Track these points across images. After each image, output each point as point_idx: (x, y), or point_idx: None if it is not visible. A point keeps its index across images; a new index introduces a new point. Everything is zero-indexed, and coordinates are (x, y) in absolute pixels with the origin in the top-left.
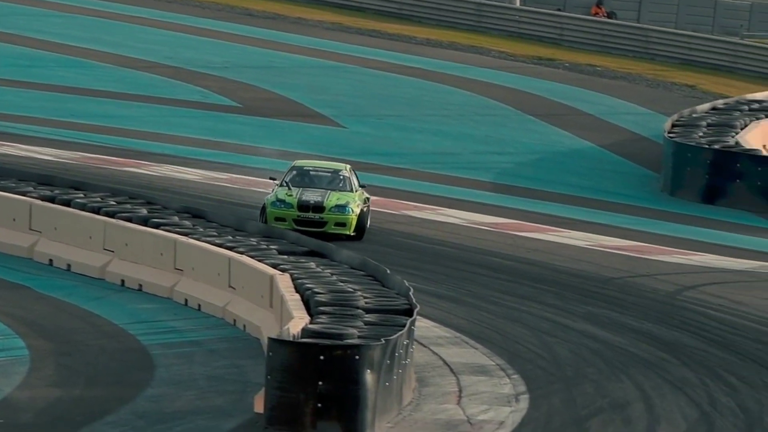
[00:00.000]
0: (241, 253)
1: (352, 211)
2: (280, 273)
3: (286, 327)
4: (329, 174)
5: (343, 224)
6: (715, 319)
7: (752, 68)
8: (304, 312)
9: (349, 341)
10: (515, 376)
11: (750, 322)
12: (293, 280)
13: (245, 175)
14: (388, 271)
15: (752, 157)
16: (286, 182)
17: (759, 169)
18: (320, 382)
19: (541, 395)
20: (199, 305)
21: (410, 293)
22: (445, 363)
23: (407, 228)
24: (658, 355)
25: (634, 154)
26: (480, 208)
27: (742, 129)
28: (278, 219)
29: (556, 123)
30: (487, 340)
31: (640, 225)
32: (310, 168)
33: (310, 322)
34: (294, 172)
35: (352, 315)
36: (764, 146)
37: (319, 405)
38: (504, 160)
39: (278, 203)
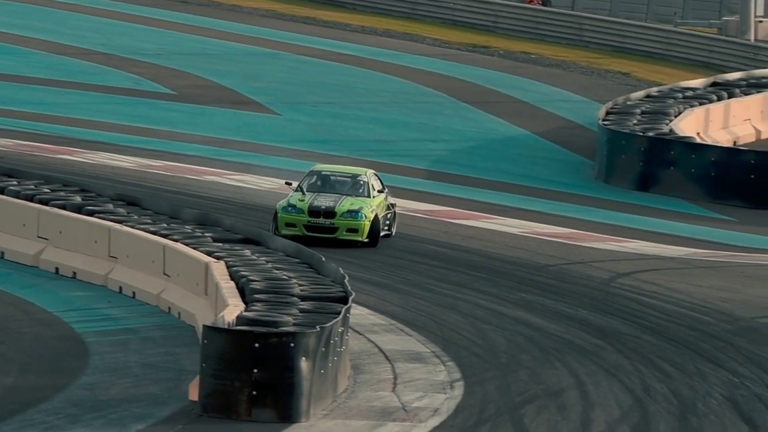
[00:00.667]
0: (176, 240)
1: (365, 216)
2: (215, 260)
3: (221, 315)
4: (348, 179)
5: (355, 230)
6: (649, 306)
7: (686, 56)
8: (239, 300)
9: (285, 329)
10: (450, 363)
11: (684, 309)
12: (228, 267)
13: (179, 162)
14: (323, 259)
15: (686, 144)
16: (300, 187)
17: (693, 156)
18: (255, 370)
19: (476, 382)
20: (134, 293)
21: (345, 281)
22: (380, 350)
23: None
24: (592, 342)
25: (568, 142)
26: (414, 196)
27: (676, 116)
28: (288, 225)
29: (490, 110)
30: (422, 327)
31: (575, 212)
32: (329, 173)
33: (245, 310)
34: (311, 177)
35: (287, 303)
36: (698, 134)
37: (254, 392)
38: (438, 147)
39: (289, 208)
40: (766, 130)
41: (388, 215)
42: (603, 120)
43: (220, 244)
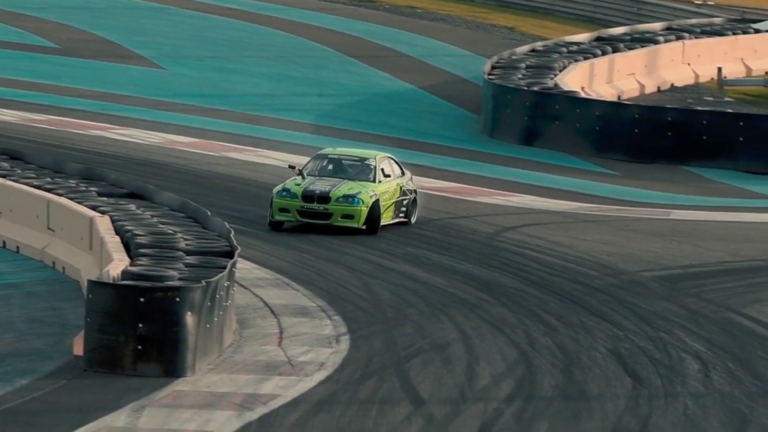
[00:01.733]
0: (60, 195)
1: (362, 202)
2: (100, 215)
3: (106, 269)
4: (355, 162)
5: (350, 216)
6: (533, 260)
7: (570, 10)
8: (124, 254)
9: (170, 283)
10: (336, 318)
11: (568, 263)
12: (113, 222)
13: (64, 117)
14: (209, 213)
15: (570, 98)
16: (300, 171)
17: (577, 110)
18: (140, 324)
19: (362, 336)
20: (18, 247)
21: (231, 235)
22: (266, 305)
23: (227, 170)
24: (477, 296)
25: (453, 96)
26: (300, 150)
27: (560, 71)
28: (282, 210)
29: (376, 65)
30: (308, 281)
31: (460, 166)
32: (336, 156)
33: (130, 265)
34: (316, 161)
35: (172, 257)
36: (582, 88)
37: (139, 347)
38: (324, 101)
39: (283, 193)
40: (650, 85)
41: (405, 201)
42: (488, 74)
43: (105, 198)
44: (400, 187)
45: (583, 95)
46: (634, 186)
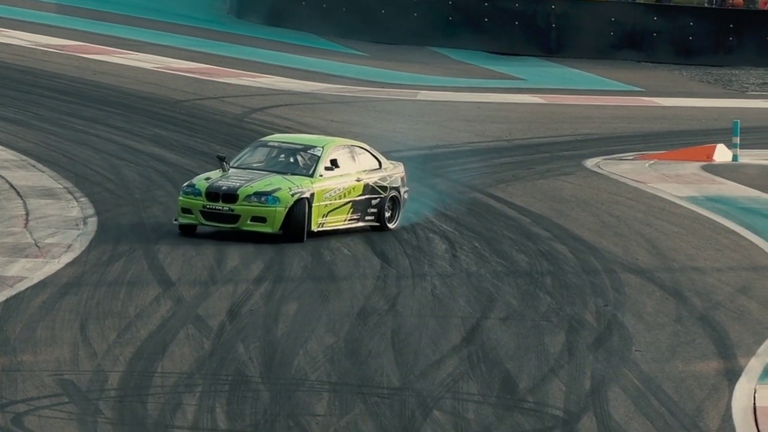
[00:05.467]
0: None
1: (278, 201)
2: None
3: None
4: (297, 151)
5: (262, 219)
6: None
7: None
8: None
9: None
10: (83, 200)
11: None
12: None
13: None
14: None
15: None
16: (224, 161)
17: None
18: None
19: (110, 218)
20: None
21: None
22: (12, 186)
23: None
24: None
25: None
26: (44, 30)
27: None
28: (185, 211)
29: None
30: (55, 163)
31: (208, 47)
32: (275, 143)
33: None
34: (250, 150)
35: None
36: None
37: None
38: None
39: (188, 189)
40: None
41: (375, 201)
42: None
43: None
44: (365, 184)
45: None
46: (381, 67)
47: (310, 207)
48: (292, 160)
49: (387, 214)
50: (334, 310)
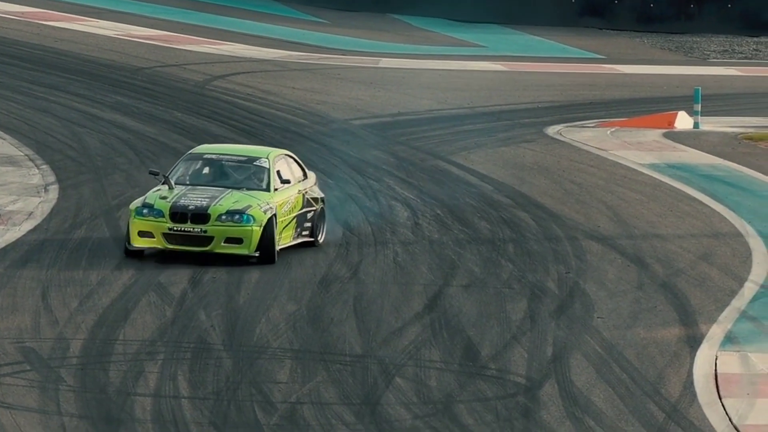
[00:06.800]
0: None
1: (253, 219)
2: None
3: None
4: (240, 164)
5: (238, 240)
6: (243, 108)
7: None
8: None
9: None
10: (44, 167)
11: (278, 111)
12: None
13: None
14: None
15: None
16: (166, 178)
17: None
18: None
19: (71, 185)
20: None
21: None
22: None
23: None
24: (187, 144)
25: None
26: None
27: None
28: (143, 234)
29: None
30: (15, 130)
31: (169, 14)
32: (214, 155)
33: None
34: (187, 164)
35: None
36: None
37: None
38: None
39: (144, 210)
40: None
41: (310, 215)
42: None
43: None
44: (303, 196)
45: None
46: (343, 34)
47: (276, 224)
48: (240, 173)
49: (320, 229)
50: (296, 278)
